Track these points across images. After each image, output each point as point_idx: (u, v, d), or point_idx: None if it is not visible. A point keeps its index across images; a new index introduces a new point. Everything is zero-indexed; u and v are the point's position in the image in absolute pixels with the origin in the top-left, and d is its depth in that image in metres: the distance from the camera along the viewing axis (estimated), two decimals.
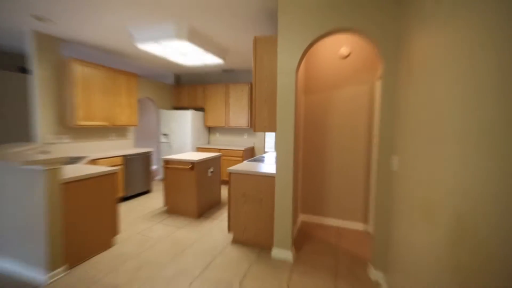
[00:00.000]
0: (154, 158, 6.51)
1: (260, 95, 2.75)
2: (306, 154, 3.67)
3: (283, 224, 2.68)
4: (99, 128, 4.56)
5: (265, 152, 5.81)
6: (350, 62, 3.39)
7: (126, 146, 5.09)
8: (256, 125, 2.78)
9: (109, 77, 4.35)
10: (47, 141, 3.77)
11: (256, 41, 2.74)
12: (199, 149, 5.77)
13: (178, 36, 3.25)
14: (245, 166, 3.07)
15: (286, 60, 2.54)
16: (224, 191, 5.07)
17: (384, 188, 2.29)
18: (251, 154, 5.82)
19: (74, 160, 3.68)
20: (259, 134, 5.88)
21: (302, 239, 3.10)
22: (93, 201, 2.64)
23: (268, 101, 2.73)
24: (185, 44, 3.40)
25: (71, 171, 2.62)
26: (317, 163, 3.60)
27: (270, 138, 5.83)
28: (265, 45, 2.70)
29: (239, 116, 5.66)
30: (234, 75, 6.02)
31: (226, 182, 5.77)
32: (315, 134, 3.59)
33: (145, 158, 4.83)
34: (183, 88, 6.16)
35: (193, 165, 3.59)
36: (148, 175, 4.88)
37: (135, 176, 4.59)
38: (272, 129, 2.73)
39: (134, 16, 3.04)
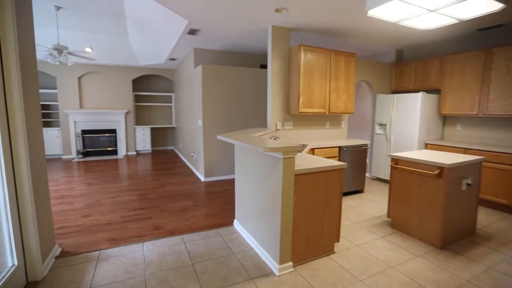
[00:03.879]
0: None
1: None
2: None
3: None
4: (316, 115, 4.41)
5: None
6: None
7: (339, 136, 4.71)
8: None
9: (328, 60, 4.02)
10: (276, 128, 4.02)
11: None
12: (430, 146, 4.38)
13: None
14: None
15: None
16: (482, 217, 3.46)
17: None
18: None
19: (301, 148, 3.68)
20: None
21: None
22: (319, 197, 2.31)
23: None
24: None
25: (299, 161, 2.41)
26: None
27: None
28: None
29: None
30: (500, 35, 3.96)
31: (486, 203, 3.96)
32: None
33: (361, 151, 4.20)
34: (408, 66, 4.89)
35: (442, 170, 2.48)
36: (362, 172, 4.25)
37: (348, 171, 4.10)
38: None
39: None
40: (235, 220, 3.06)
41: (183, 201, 3.84)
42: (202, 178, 4.98)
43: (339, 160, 4.02)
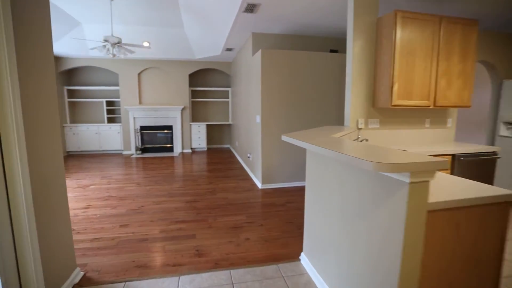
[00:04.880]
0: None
1: None
2: None
3: None
4: (414, 110, 3.23)
5: None
6: None
7: (444, 139, 3.42)
8: None
9: (436, 32, 2.81)
10: (357, 126, 3.01)
11: None
12: None
13: None
14: None
15: None
16: None
17: None
18: None
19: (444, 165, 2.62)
20: None
21: None
22: (465, 251, 1.29)
23: None
24: None
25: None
26: None
27: None
28: None
29: None
30: None
31: None
32: None
33: (487, 163, 2.89)
34: None
35: None
36: None
37: None
38: None
39: None
40: (302, 254, 2.20)
41: (235, 214, 3.13)
42: (259, 184, 4.24)
43: (452, 174, 2.80)
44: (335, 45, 4.86)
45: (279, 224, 2.87)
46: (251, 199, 3.63)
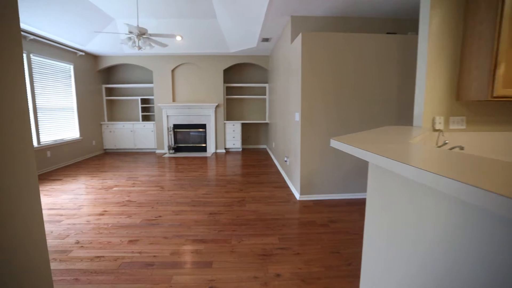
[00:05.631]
0: None
1: None
2: None
3: None
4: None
5: None
6: None
7: None
8: None
9: None
10: (434, 126, 2.19)
11: None
12: None
13: None
14: None
15: None
16: None
17: None
18: None
19: None
20: None
21: None
22: None
23: None
24: None
25: None
26: None
27: None
28: None
29: None
30: None
31: None
32: None
33: None
34: None
35: None
36: None
37: None
38: None
39: None
40: None
41: (265, 235, 2.52)
42: (296, 195, 3.57)
43: None
44: (392, 27, 3.96)
45: (321, 254, 2.18)
46: (286, 214, 2.99)
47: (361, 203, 3.24)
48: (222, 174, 4.73)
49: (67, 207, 3.21)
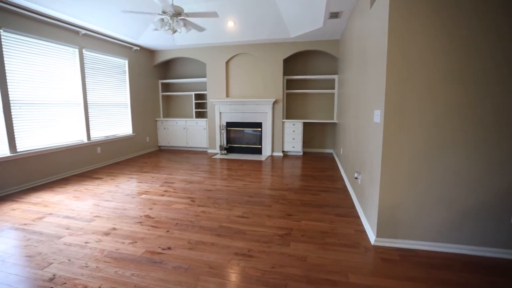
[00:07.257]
0: None
1: None
2: None
3: None
4: None
5: None
6: None
7: None
8: None
9: None
10: None
11: None
12: None
13: None
14: None
15: None
16: None
17: None
18: None
19: None
20: None
21: None
22: None
23: None
24: None
25: None
26: None
27: None
28: None
29: None
30: None
31: None
32: None
33: None
34: None
35: None
36: None
37: None
38: None
39: None
40: None
41: None
42: (371, 236, 2.35)
43: None
44: None
45: None
46: (349, 272, 1.83)
47: (494, 266, 1.83)
48: (272, 187, 3.76)
49: (81, 217, 2.76)
